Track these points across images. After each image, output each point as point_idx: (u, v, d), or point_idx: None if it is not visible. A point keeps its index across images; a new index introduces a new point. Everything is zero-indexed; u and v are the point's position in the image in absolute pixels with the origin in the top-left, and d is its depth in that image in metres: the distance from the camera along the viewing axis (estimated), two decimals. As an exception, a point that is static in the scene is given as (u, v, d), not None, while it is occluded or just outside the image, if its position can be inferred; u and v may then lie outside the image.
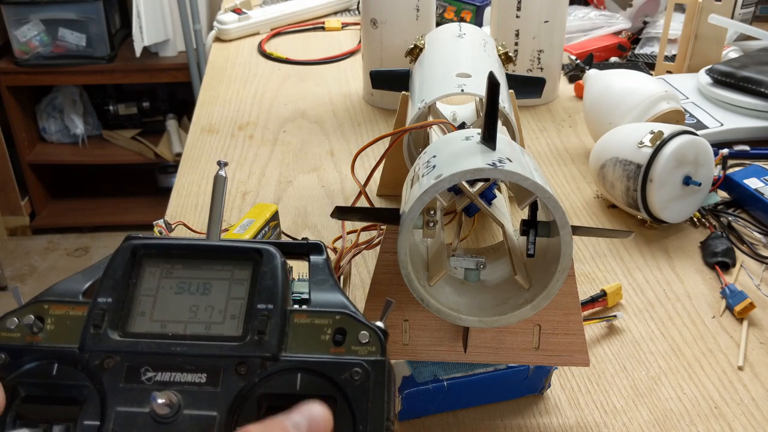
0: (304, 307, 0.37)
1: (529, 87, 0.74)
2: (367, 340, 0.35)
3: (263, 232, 0.63)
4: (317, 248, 0.41)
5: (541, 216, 0.45)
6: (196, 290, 0.37)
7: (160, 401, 0.33)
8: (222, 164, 0.44)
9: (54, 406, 0.35)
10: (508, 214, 0.56)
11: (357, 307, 0.37)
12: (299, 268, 0.58)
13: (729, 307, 0.60)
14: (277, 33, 1.28)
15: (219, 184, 0.43)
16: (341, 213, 0.45)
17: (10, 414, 0.34)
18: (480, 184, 0.49)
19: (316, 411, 0.32)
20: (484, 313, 0.44)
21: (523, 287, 0.44)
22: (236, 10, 1.28)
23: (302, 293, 0.44)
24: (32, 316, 0.36)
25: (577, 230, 0.42)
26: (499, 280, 0.47)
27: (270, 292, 0.36)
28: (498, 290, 0.46)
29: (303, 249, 0.41)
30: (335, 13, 1.37)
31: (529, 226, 0.45)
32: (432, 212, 0.43)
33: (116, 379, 0.35)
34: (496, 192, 0.56)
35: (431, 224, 0.44)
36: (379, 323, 0.36)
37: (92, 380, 0.35)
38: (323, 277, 0.39)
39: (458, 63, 0.67)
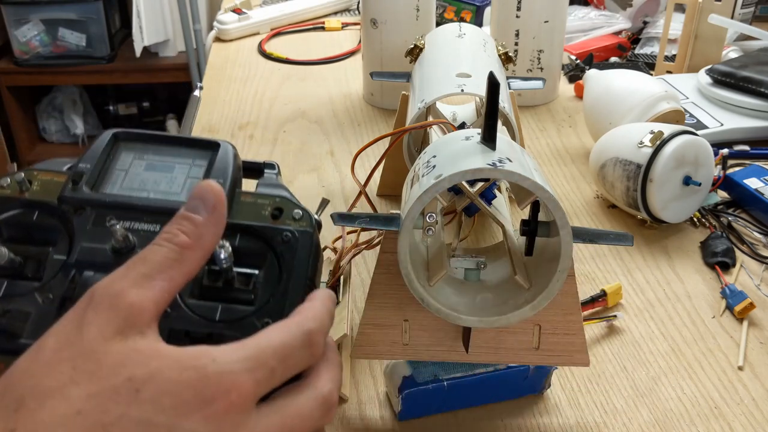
0: (251, 191, 0.43)
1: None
2: (299, 217, 0.42)
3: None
4: (271, 166, 0.47)
5: (541, 216, 0.45)
6: (162, 169, 0.45)
7: (117, 226, 0.39)
8: (198, 87, 0.57)
9: (31, 246, 0.41)
10: (508, 214, 0.56)
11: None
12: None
13: (729, 307, 0.60)
14: (277, 33, 1.28)
15: (192, 102, 0.56)
16: (341, 219, 0.45)
17: None
18: (480, 184, 0.49)
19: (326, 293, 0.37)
20: (484, 313, 0.44)
21: (523, 287, 0.44)
22: (236, 10, 1.28)
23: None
24: (23, 175, 0.43)
25: (576, 236, 0.42)
26: (499, 280, 0.47)
27: (222, 173, 0.43)
28: (498, 290, 0.46)
29: (258, 166, 0.47)
30: (335, 13, 1.37)
31: (529, 226, 0.44)
32: (430, 216, 0.43)
33: (85, 223, 0.42)
34: (496, 192, 0.56)
35: (430, 231, 0.44)
36: (314, 215, 0.43)
37: (65, 225, 0.42)
38: (272, 181, 0.46)
39: (458, 63, 0.67)
